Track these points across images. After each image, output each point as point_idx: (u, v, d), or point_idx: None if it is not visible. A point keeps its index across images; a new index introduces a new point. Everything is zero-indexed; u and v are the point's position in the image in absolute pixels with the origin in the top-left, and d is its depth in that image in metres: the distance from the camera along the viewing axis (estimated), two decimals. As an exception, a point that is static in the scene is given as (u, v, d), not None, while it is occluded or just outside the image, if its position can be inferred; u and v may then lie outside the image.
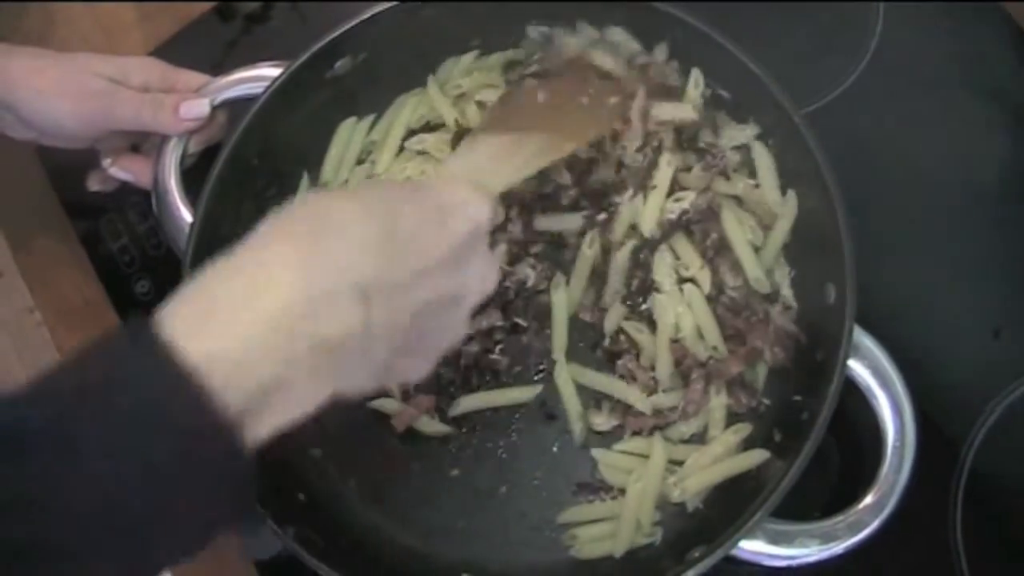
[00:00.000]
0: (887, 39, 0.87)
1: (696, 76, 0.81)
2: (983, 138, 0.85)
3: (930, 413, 0.74)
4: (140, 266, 0.89)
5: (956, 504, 0.77)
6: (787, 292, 0.78)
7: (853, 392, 0.71)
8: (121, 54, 0.93)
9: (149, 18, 0.95)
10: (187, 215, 0.79)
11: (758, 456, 0.73)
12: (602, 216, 0.80)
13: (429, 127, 0.86)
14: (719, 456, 0.74)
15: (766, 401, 0.77)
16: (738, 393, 0.77)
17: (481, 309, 0.72)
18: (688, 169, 0.80)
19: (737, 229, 0.78)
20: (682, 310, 0.77)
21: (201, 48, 0.95)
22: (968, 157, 0.85)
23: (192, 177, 0.80)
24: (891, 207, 0.84)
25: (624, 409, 0.77)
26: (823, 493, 0.76)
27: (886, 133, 0.86)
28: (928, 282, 0.83)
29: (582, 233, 0.80)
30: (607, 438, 0.78)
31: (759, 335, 0.76)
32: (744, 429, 0.75)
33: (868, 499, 0.69)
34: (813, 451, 0.68)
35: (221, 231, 0.78)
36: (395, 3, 0.78)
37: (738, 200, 0.79)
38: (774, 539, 0.69)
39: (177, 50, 0.95)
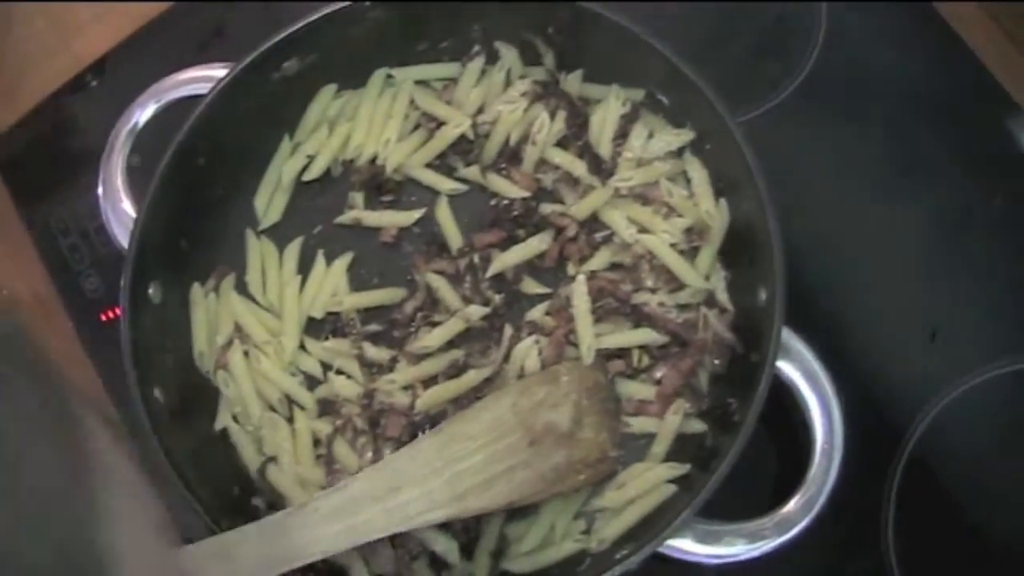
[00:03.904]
0: (829, 46, 0.88)
1: (616, 90, 0.82)
2: (921, 144, 0.86)
3: (866, 416, 0.76)
4: (90, 263, 0.89)
5: (889, 505, 0.78)
6: (723, 296, 0.78)
7: (790, 394, 0.72)
8: (77, 53, 0.95)
9: (100, 19, 0.95)
10: (133, 213, 0.80)
11: (667, 491, 0.74)
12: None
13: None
14: (631, 498, 0.75)
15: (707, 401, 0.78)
16: (687, 399, 0.78)
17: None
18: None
19: (664, 248, 0.79)
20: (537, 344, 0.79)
21: (160, 48, 0.96)
22: (906, 164, 0.86)
23: (141, 175, 0.80)
24: (829, 213, 0.85)
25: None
26: (761, 493, 0.77)
27: (826, 139, 0.87)
28: (866, 286, 0.84)
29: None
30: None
31: (698, 344, 0.77)
32: (675, 469, 0.76)
33: (795, 500, 0.70)
34: (739, 452, 0.69)
35: (166, 230, 0.78)
36: (342, 5, 0.78)
37: (668, 208, 0.80)
38: (702, 538, 0.70)
39: (135, 49, 0.96)
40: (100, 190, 0.82)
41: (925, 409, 0.80)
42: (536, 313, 0.80)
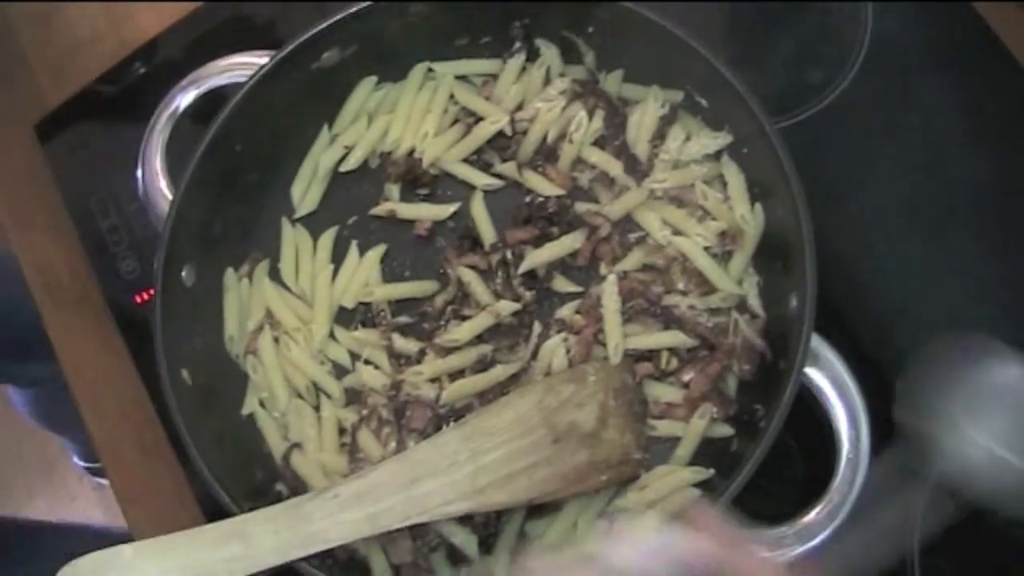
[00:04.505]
0: (871, 56, 0.87)
1: (655, 92, 0.82)
2: (963, 155, 0.85)
3: (894, 428, 0.74)
4: (127, 245, 0.90)
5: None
6: (754, 301, 0.78)
7: (818, 402, 0.72)
8: (125, 37, 0.96)
9: (150, 4, 0.96)
10: (170, 196, 0.81)
11: (689, 495, 0.74)
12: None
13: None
14: (652, 501, 0.75)
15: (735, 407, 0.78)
16: (715, 403, 0.77)
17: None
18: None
19: (698, 251, 0.79)
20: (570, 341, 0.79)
21: (209, 35, 0.96)
22: (947, 175, 0.85)
23: (180, 159, 0.81)
24: (865, 222, 0.84)
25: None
26: (784, 500, 0.76)
27: (864, 148, 0.86)
28: (900, 298, 0.83)
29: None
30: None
31: (726, 348, 0.77)
32: (699, 473, 0.75)
33: (818, 508, 0.70)
34: (763, 458, 0.68)
35: (201, 215, 0.79)
36: (384, -2, 0.79)
37: (703, 211, 0.80)
38: (722, 543, 0.69)
39: (184, 35, 0.97)
40: (139, 172, 0.83)
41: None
42: (566, 311, 0.80)
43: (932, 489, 0.66)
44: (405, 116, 0.85)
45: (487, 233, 0.82)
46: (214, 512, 0.74)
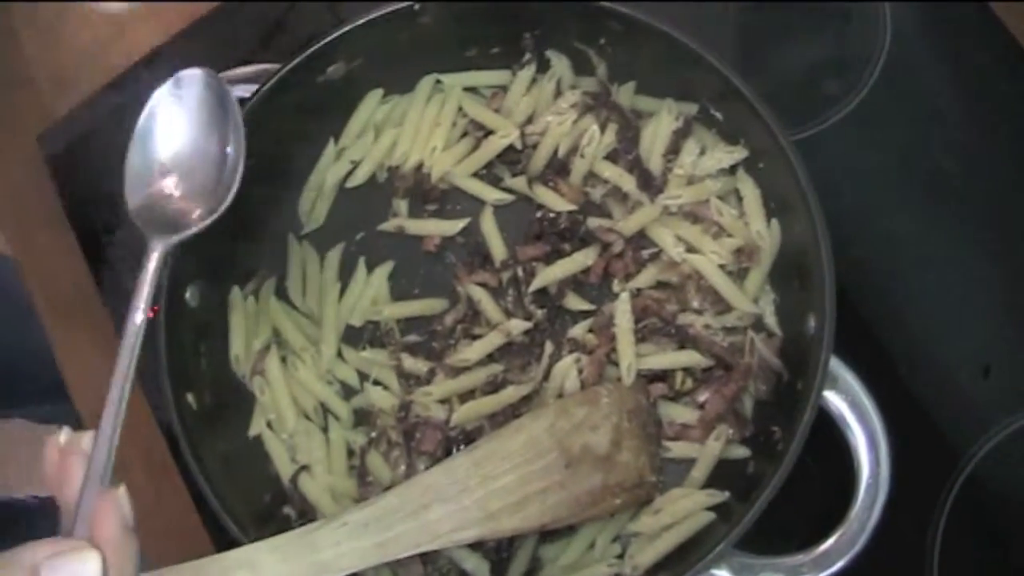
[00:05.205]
0: (890, 65, 0.86)
1: (669, 104, 0.80)
2: (986, 169, 0.84)
3: (914, 451, 0.73)
4: (131, 260, 0.89)
5: (935, 545, 0.76)
6: (771, 320, 0.77)
7: (837, 426, 0.70)
8: (129, 48, 0.95)
9: (153, 14, 0.95)
10: (174, 213, 0.79)
11: (704, 518, 0.73)
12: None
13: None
14: (667, 524, 0.73)
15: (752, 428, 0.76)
16: (730, 424, 0.76)
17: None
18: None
19: (713, 268, 0.78)
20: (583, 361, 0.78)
21: (215, 43, 0.95)
22: (968, 191, 0.83)
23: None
24: (885, 238, 0.83)
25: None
26: (801, 527, 0.75)
27: (884, 161, 0.85)
28: (920, 317, 0.81)
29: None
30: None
31: (743, 369, 0.76)
32: (714, 496, 0.74)
33: (836, 535, 0.68)
34: (781, 483, 0.67)
35: (207, 232, 0.77)
36: (389, 9, 0.77)
37: (718, 227, 0.79)
38: (739, 571, 0.68)
39: (188, 45, 0.95)
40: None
41: (976, 446, 0.78)
42: (578, 330, 0.78)
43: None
44: (413, 129, 0.83)
45: (498, 249, 0.81)
46: (220, 531, 0.73)
